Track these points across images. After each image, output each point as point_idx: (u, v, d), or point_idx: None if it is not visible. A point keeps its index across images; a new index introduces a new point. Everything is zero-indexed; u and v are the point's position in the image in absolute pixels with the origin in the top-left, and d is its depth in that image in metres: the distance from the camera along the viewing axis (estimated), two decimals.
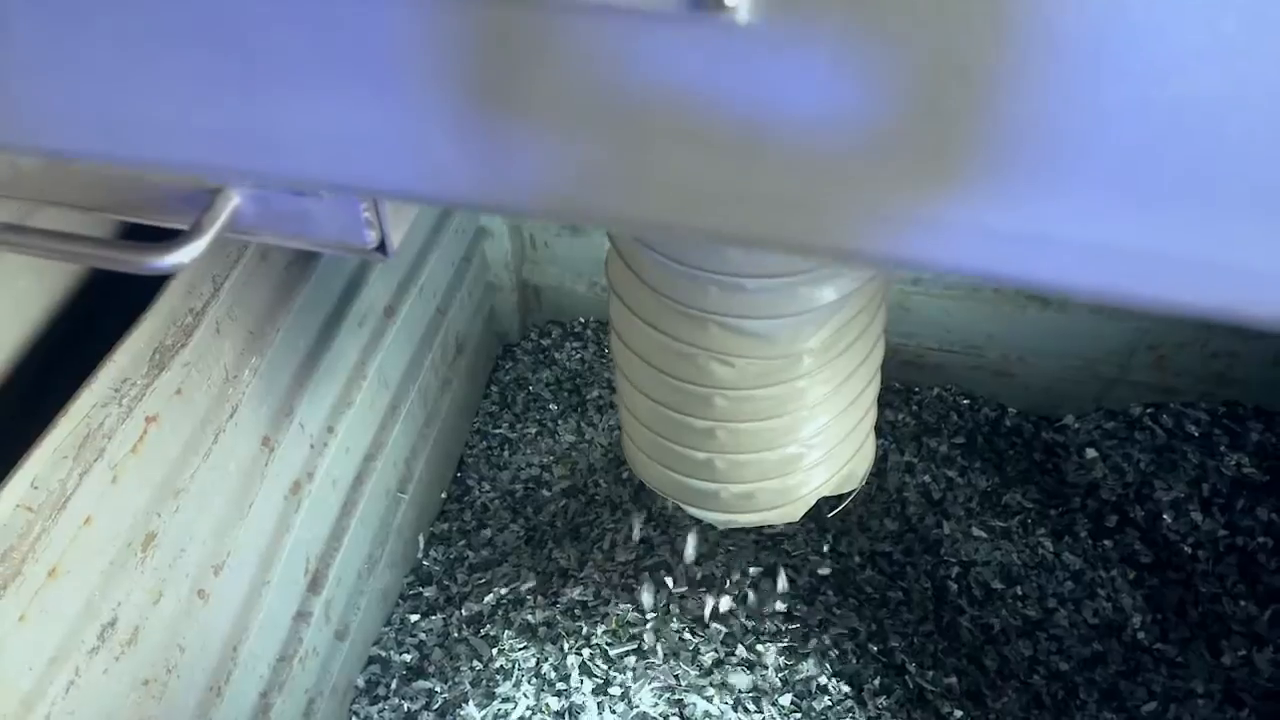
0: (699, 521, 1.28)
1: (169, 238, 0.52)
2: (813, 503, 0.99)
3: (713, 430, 0.88)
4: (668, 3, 0.23)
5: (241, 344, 0.99)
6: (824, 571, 1.47)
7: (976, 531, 1.55)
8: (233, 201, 0.45)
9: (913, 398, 1.76)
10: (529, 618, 1.42)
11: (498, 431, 1.74)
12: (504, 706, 1.32)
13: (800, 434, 0.89)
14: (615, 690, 1.32)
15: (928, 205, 0.26)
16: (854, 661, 1.36)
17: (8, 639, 0.72)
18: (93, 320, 0.88)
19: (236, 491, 1.02)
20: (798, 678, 1.34)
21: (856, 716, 1.31)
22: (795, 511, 0.98)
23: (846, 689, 1.33)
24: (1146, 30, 0.23)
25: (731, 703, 1.31)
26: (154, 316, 0.86)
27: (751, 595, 1.43)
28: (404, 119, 0.28)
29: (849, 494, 1.05)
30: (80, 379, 0.79)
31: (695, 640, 1.37)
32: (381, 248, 0.48)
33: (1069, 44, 0.24)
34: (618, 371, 0.99)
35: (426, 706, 1.35)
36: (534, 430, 1.73)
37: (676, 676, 1.33)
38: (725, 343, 0.80)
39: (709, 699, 1.31)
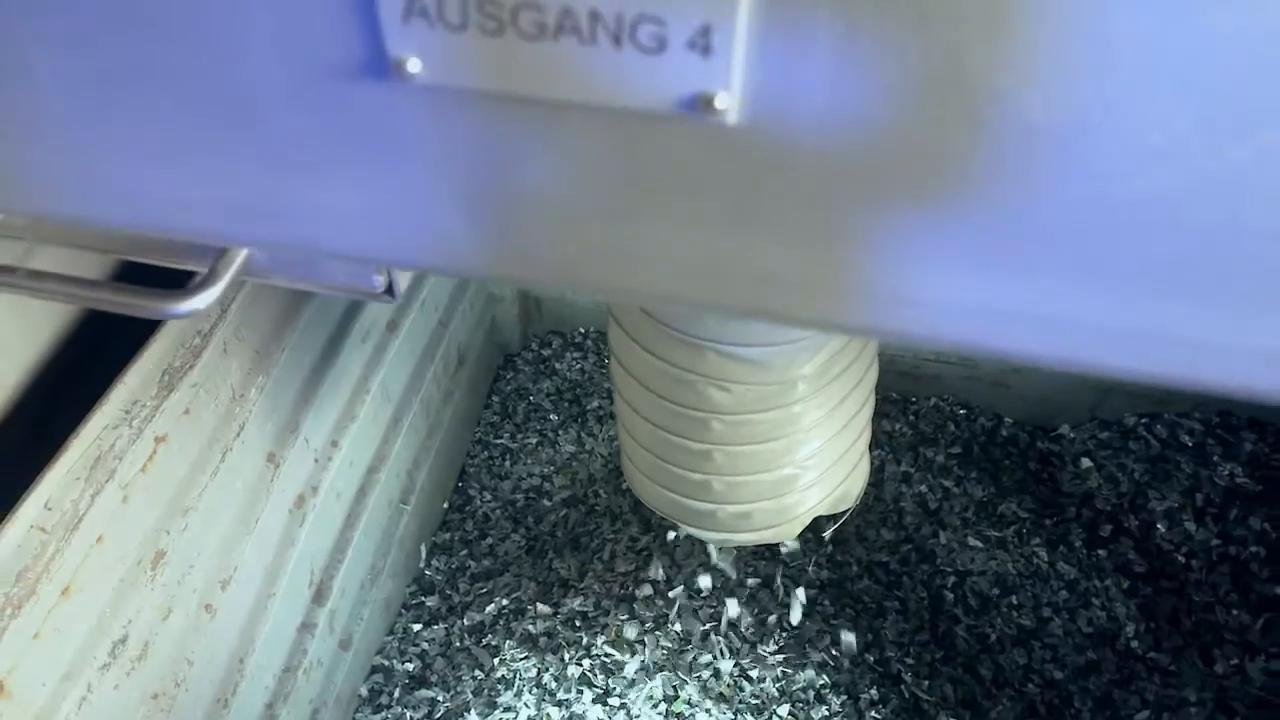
0: None
1: (177, 276, 0.54)
2: (808, 521, 1.01)
3: (710, 453, 0.90)
4: (665, 105, 0.25)
5: (248, 363, 1.01)
6: (821, 582, 1.49)
7: (972, 541, 1.56)
8: (246, 249, 0.47)
9: (910, 408, 1.78)
10: (530, 628, 1.44)
11: (499, 441, 1.75)
12: (506, 716, 1.33)
13: (796, 456, 0.91)
14: (615, 700, 1.34)
15: (906, 284, 0.28)
16: (851, 671, 1.38)
17: (23, 657, 0.74)
18: (101, 342, 0.89)
19: (243, 507, 1.04)
20: (795, 687, 1.35)
21: None
22: (791, 531, 1.00)
23: (843, 698, 1.35)
24: (1108, 131, 0.25)
25: (731, 713, 1.32)
26: (162, 339, 0.87)
27: (750, 606, 1.44)
28: (414, 198, 0.29)
29: (845, 512, 1.06)
30: (89, 399, 0.81)
31: (694, 650, 1.39)
32: (389, 290, 0.50)
33: (1041, 142, 0.25)
34: (617, 395, 1.01)
35: (429, 715, 1.37)
36: (535, 440, 1.75)
37: (675, 687, 1.35)
38: (722, 369, 0.82)
39: (708, 710, 1.33)
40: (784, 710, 1.33)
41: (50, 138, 0.32)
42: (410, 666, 1.43)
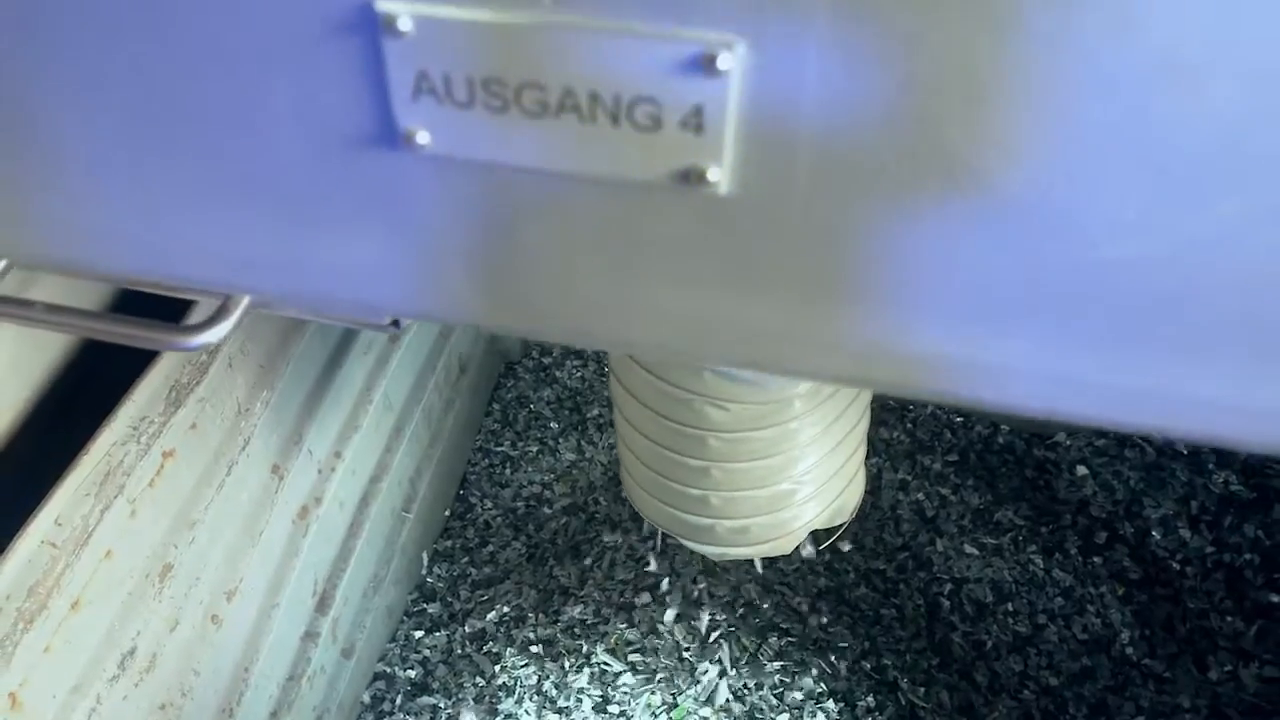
0: None
1: (177, 304, 0.55)
2: (805, 535, 1.02)
3: (708, 469, 0.91)
4: (659, 178, 0.27)
5: (253, 377, 1.02)
6: (819, 590, 1.51)
7: (968, 549, 1.58)
8: None
9: (907, 415, 1.79)
10: (530, 635, 1.45)
11: (500, 449, 1.77)
12: None
13: (792, 472, 0.92)
14: (615, 708, 1.36)
15: (890, 338, 0.29)
16: (848, 679, 1.39)
17: (34, 670, 0.75)
18: (109, 359, 0.91)
19: (248, 519, 1.05)
20: (793, 695, 1.37)
21: None
22: (788, 544, 1.02)
23: (841, 706, 1.36)
24: (1081, 205, 0.26)
25: None
26: (169, 356, 0.89)
27: (748, 614, 1.46)
28: (421, 255, 0.31)
29: (840, 526, 1.08)
30: (98, 416, 0.82)
31: (693, 659, 1.41)
32: (395, 323, 0.51)
33: (1017, 212, 0.27)
34: (617, 411, 1.02)
35: None
36: (535, 448, 1.76)
37: (674, 695, 1.36)
38: (720, 388, 0.83)
39: (706, 718, 1.34)
40: (783, 718, 1.34)
41: (76, 194, 0.33)
42: (412, 673, 1.45)
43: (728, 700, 1.36)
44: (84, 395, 0.87)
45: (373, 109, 0.28)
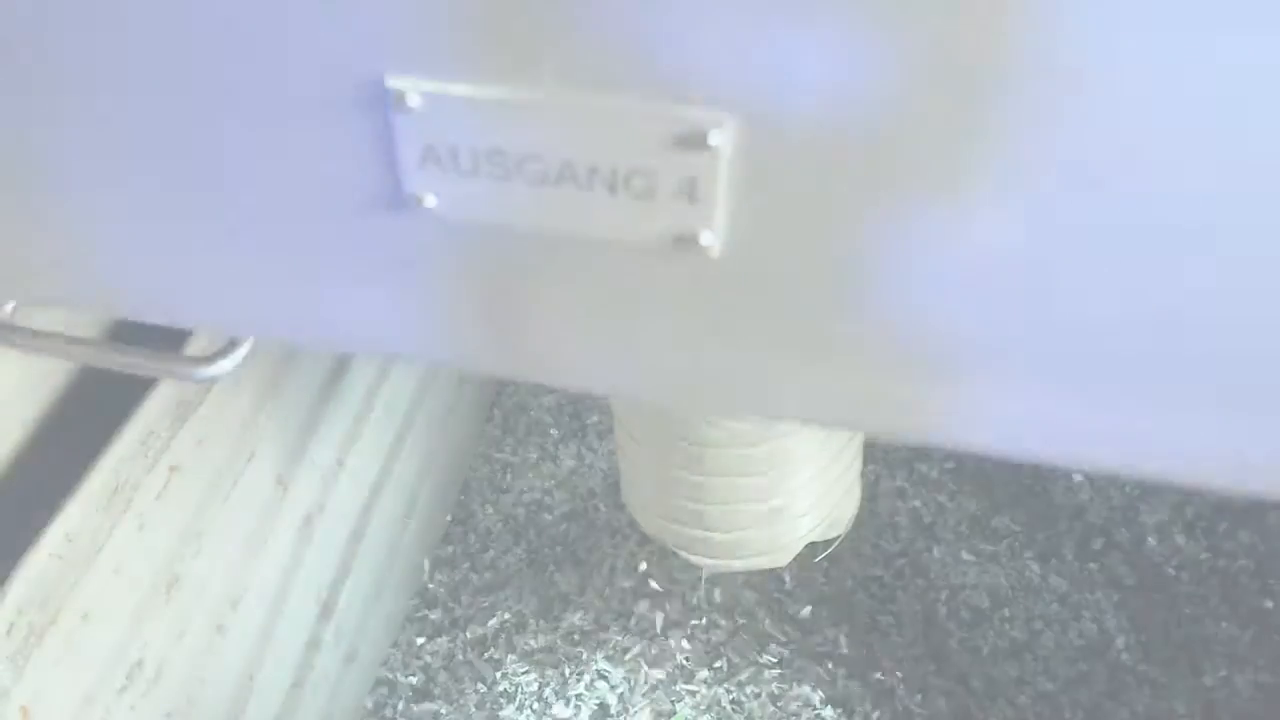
0: None
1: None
2: (801, 548, 1.04)
3: (705, 484, 0.93)
4: (654, 242, 0.28)
5: (258, 391, 1.04)
6: (817, 597, 1.52)
7: (965, 555, 1.59)
8: None
9: None
10: (531, 642, 1.47)
11: (500, 456, 1.78)
12: None
13: (787, 487, 0.94)
14: (614, 714, 1.37)
15: (878, 386, 0.31)
16: (846, 685, 1.41)
17: (45, 682, 0.77)
18: (117, 376, 0.92)
19: (253, 530, 1.07)
20: (791, 702, 1.38)
21: None
22: (784, 557, 1.03)
23: (838, 713, 1.38)
24: (1057, 266, 0.28)
25: None
26: None
27: (747, 621, 1.47)
28: (428, 307, 0.32)
29: (836, 538, 1.09)
30: (106, 430, 0.84)
31: (692, 665, 1.42)
32: None
33: (996, 270, 0.28)
34: (617, 425, 1.04)
35: None
36: (535, 455, 1.77)
37: (673, 701, 1.38)
38: None
39: None
40: None
41: (88, 240, 0.34)
42: (414, 680, 1.46)
43: (726, 707, 1.38)
44: (92, 413, 0.89)
45: (382, 174, 0.29)
